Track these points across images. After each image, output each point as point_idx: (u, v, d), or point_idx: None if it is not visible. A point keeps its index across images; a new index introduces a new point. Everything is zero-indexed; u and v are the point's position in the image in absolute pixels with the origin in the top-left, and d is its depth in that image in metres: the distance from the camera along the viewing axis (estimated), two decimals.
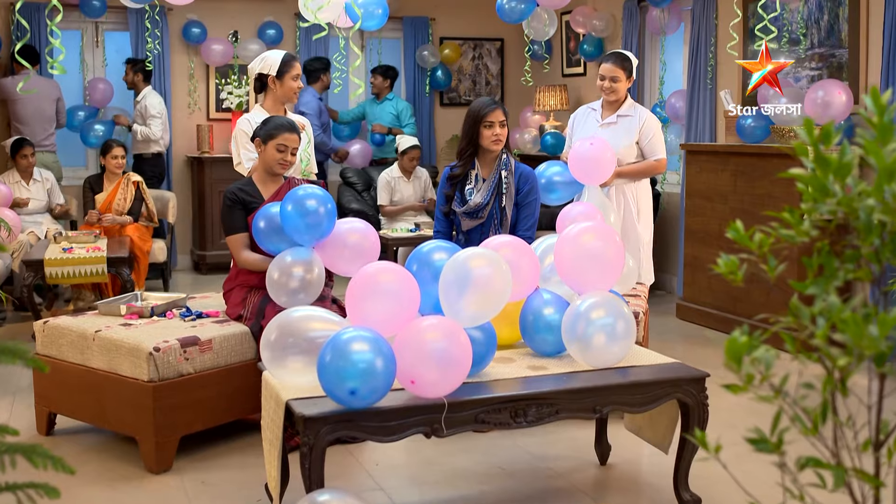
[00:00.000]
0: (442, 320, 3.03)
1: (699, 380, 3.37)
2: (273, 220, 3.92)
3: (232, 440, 4.26)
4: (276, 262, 3.85)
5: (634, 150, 5.36)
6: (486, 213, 4.62)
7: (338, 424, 2.93)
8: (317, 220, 3.77)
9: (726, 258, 1.76)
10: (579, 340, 3.35)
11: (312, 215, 3.75)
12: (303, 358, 3.03)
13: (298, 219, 3.74)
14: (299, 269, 3.81)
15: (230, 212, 4.34)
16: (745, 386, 1.67)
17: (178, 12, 8.90)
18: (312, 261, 3.84)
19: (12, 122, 8.10)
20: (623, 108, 5.41)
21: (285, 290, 3.83)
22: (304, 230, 3.77)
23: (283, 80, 4.96)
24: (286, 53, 5.03)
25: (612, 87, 5.34)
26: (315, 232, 3.79)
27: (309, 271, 3.82)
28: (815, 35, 6.37)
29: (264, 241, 3.97)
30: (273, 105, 5.05)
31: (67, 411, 4.32)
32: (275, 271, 3.82)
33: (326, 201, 3.81)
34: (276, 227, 3.90)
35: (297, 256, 3.83)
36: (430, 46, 9.78)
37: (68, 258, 6.19)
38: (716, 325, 6.58)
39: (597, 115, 5.50)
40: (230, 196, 4.35)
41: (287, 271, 3.81)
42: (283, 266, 3.82)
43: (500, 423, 3.13)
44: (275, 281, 3.82)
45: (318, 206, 3.75)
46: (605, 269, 3.48)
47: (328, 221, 3.80)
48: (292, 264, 3.82)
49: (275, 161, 4.37)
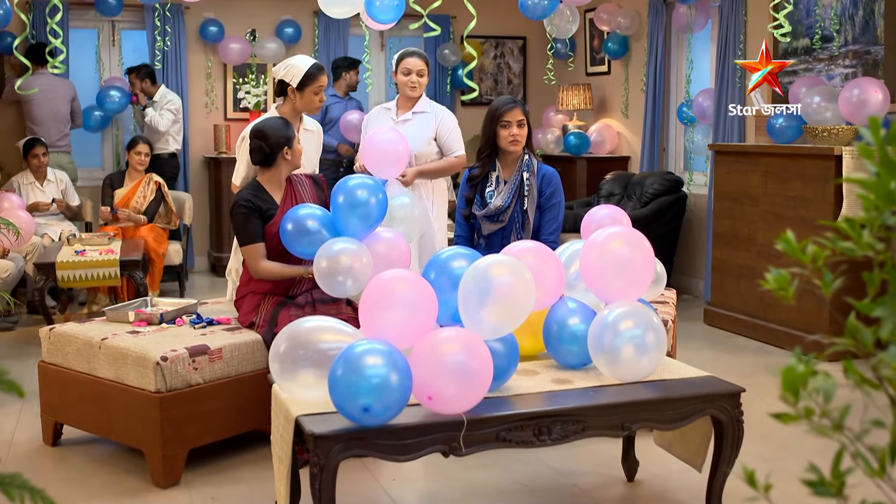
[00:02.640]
0: (461, 332, 2.86)
1: (734, 395, 3.17)
2: (301, 222, 3.81)
3: (243, 453, 4.10)
4: (323, 250, 3.74)
5: (433, 147, 5.10)
6: (507, 217, 4.45)
7: (350, 443, 2.76)
8: (368, 210, 3.81)
9: (776, 273, 1.57)
10: (606, 353, 3.16)
11: (363, 206, 3.79)
12: (314, 371, 2.86)
13: (350, 210, 3.78)
14: (347, 259, 3.71)
15: (246, 220, 4.08)
16: (798, 416, 1.48)
17: (195, 11, 8.77)
18: (360, 250, 3.77)
19: (27, 123, 7.99)
20: (419, 105, 5.15)
21: (335, 279, 3.74)
22: (359, 222, 3.80)
23: (303, 92, 4.72)
24: (313, 64, 4.75)
25: (418, 81, 5.10)
26: (367, 223, 3.84)
27: (357, 260, 3.73)
28: (848, 32, 6.15)
29: (293, 244, 3.84)
30: (290, 113, 4.81)
31: (73, 421, 4.18)
32: (322, 260, 3.71)
33: (378, 191, 3.84)
34: (305, 230, 3.81)
35: (345, 245, 3.76)
36: (451, 45, 9.61)
37: (80, 261, 6.07)
38: (745, 331, 6.37)
39: (391, 114, 5.20)
40: (245, 204, 4.09)
41: (336, 259, 3.72)
42: (331, 254, 3.73)
43: (523, 442, 2.95)
44: (323, 269, 3.71)
45: (369, 197, 3.80)
46: (633, 276, 3.29)
47: (379, 211, 3.85)
48: (341, 252, 3.73)
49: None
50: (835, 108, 5.84)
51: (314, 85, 4.71)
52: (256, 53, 9.00)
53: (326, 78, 4.89)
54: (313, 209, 3.92)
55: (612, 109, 9.15)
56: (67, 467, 4.04)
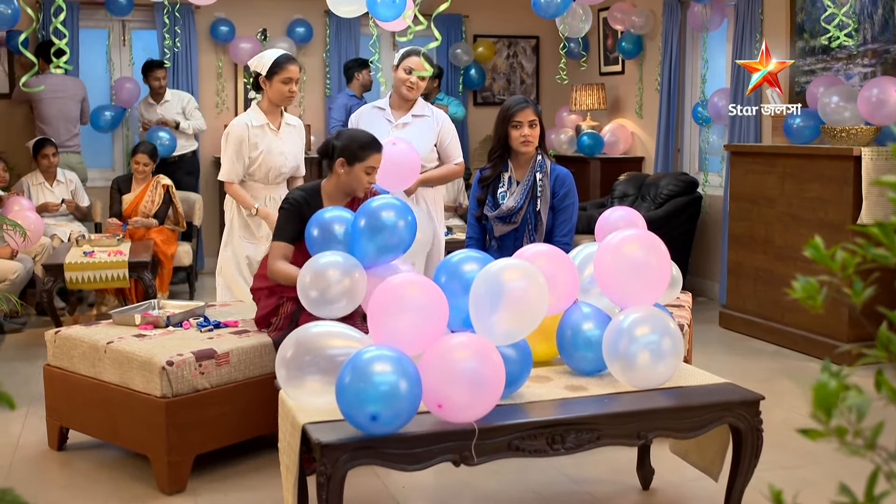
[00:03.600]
0: (472, 338, 2.78)
1: (753, 403, 3.08)
2: (327, 227, 3.54)
3: (250, 458, 4.03)
4: (310, 264, 3.40)
5: (435, 153, 4.99)
6: (520, 218, 4.36)
7: (358, 452, 2.68)
8: (395, 240, 3.42)
9: (804, 281, 1.49)
10: (622, 359, 3.08)
11: (390, 232, 3.40)
12: (321, 377, 2.78)
13: (371, 238, 3.40)
14: (336, 274, 3.33)
15: (287, 218, 3.91)
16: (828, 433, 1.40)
17: (206, 10, 8.71)
18: (354, 271, 3.38)
19: (36, 123, 7.95)
20: (417, 108, 4.96)
21: (316, 297, 3.38)
22: (375, 252, 3.42)
23: (271, 81, 4.85)
24: (282, 55, 4.90)
25: (417, 83, 4.95)
26: (387, 254, 3.46)
27: (347, 277, 3.35)
28: (867, 30, 6.04)
29: (318, 251, 3.53)
30: (268, 106, 4.96)
31: (79, 426, 4.12)
32: (307, 275, 3.36)
33: (407, 213, 3.46)
34: (332, 237, 3.52)
35: (336, 262, 3.37)
36: (464, 44, 9.53)
37: (89, 262, 6.02)
38: (762, 335, 6.27)
39: (386, 115, 4.97)
40: (292, 202, 3.92)
41: (322, 275, 3.34)
42: (317, 269, 3.38)
43: (537, 451, 2.87)
44: (306, 284, 3.36)
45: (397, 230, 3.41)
46: (649, 280, 3.20)
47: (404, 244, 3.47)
48: (328, 267, 3.36)
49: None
50: (853, 108, 5.73)
51: (282, 74, 4.81)
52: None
53: (297, 68, 4.93)
54: (342, 212, 3.62)
55: (626, 109, 9.05)
56: (72, 473, 3.98)
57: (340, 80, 9.10)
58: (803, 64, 6.59)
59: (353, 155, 3.88)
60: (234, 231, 5.03)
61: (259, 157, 4.89)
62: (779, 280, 6.11)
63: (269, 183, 5.00)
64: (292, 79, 4.84)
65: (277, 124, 4.99)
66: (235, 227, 5.02)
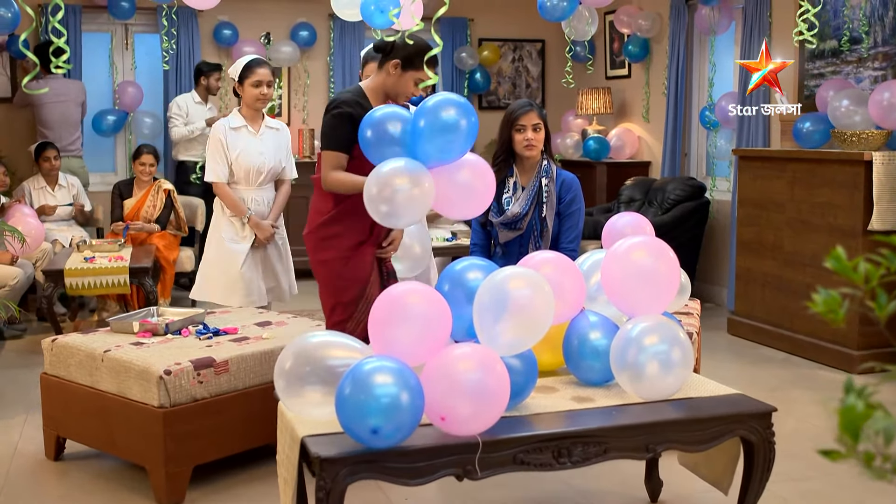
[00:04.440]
0: (476, 348, 2.70)
1: (765, 415, 3.00)
2: (381, 127, 3.29)
3: (250, 469, 3.95)
4: (375, 174, 3.18)
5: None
6: (525, 224, 4.28)
7: (358, 466, 2.60)
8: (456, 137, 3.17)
9: (826, 294, 1.40)
10: (630, 369, 2.99)
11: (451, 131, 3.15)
12: (322, 388, 2.69)
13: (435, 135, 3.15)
14: (404, 182, 3.14)
15: (338, 123, 3.70)
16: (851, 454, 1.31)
17: (209, 14, 8.64)
18: (422, 175, 3.17)
19: (38, 127, 7.88)
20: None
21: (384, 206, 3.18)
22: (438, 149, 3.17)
23: (243, 85, 5.03)
24: (253, 59, 5.08)
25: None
26: (448, 156, 3.21)
27: (417, 185, 3.15)
28: (878, 33, 5.96)
29: (374, 154, 3.31)
30: (247, 111, 5.12)
31: (76, 436, 4.04)
32: (373, 186, 3.16)
33: (469, 114, 3.21)
34: (388, 137, 3.27)
35: (404, 166, 3.17)
36: (469, 48, 9.47)
37: (89, 268, 5.95)
38: (770, 342, 6.18)
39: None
40: (341, 104, 3.73)
41: (388, 183, 3.15)
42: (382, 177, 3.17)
43: (542, 464, 2.78)
44: (372, 197, 3.17)
45: (458, 119, 3.16)
46: (658, 289, 3.12)
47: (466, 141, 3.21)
48: (395, 174, 3.16)
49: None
50: (864, 112, 5.65)
51: (252, 77, 4.98)
52: (271, 57, 8.87)
53: (267, 72, 5.05)
54: (395, 109, 3.35)
55: (633, 113, 8.97)
56: (68, 483, 3.90)
57: (344, 82, 9.04)
58: (813, 67, 6.51)
59: (410, 61, 3.78)
60: (218, 229, 5.06)
61: (237, 157, 5.01)
62: (788, 286, 6.03)
63: (251, 185, 5.10)
64: (262, 82, 5.00)
65: (257, 127, 5.13)
66: (221, 225, 5.05)
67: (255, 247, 5.06)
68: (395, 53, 3.78)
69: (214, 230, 5.12)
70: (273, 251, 5.17)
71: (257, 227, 5.02)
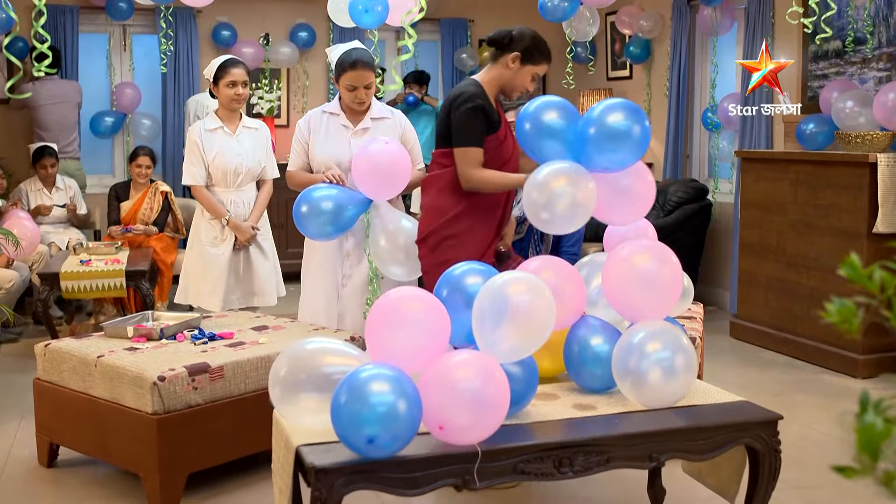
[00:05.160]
0: (475, 355, 2.63)
1: (770, 423, 2.93)
2: (539, 121, 3.19)
3: (245, 476, 3.88)
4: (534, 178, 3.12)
5: None
6: (525, 228, 4.22)
7: (354, 476, 2.54)
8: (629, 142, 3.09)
9: (840, 303, 1.34)
10: (633, 376, 2.93)
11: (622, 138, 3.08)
12: (317, 396, 2.62)
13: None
14: (566, 187, 3.06)
15: (473, 118, 3.62)
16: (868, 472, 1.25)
17: (208, 15, 8.59)
18: (583, 179, 3.09)
19: (35, 129, 7.82)
20: (375, 110, 4.42)
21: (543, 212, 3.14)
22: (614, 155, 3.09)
23: (218, 86, 5.02)
24: (228, 59, 5.08)
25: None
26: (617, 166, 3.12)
27: (580, 191, 3.07)
28: (882, 33, 5.89)
29: (534, 144, 3.22)
30: (223, 111, 5.12)
31: (69, 442, 3.98)
32: (533, 191, 3.11)
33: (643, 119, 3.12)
34: (546, 129, 3.17)
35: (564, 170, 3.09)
36: (469, 49, 9.40)
37: (85, 271, 5.89)
38: (774, 345, 6.11)
39: (341, 121, 4.41)
40: (475, 99, 3.63)
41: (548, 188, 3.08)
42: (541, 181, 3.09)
43: (543, 474, 2.72)
44: (534, 202, 3.11)
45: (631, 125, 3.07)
46: (660, 295, 3.04)
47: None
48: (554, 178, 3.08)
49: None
50: (868, 114, 5.59)
51: (226, 77, 4.98)
52: (270, 58, 8.82)
53: (241, 72, 5.04)
54: (555, 100, 3.25)
55: None
56: (61, 491, 3.83)
57: None
58: (816, 68, 6.44)
59: (530, 54, 3.73)
60: (199, 232, 5.03)
61: (213, 158, 4.99)
62: (791, 290, 5.96)
63: (230, 186, 5.08)
64: (236, 82, 4.98)
65: (234, 128, 5.10)
66: (201, 229, 5.02)
67: (237, 249, 5.02)
68: (513, 46, 3.73)
69: (195, 233, 5.11)
70: (256, 253, 5.12)
71: (237, 228, 4.99)
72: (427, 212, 3.82)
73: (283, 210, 8.29)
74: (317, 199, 4.02)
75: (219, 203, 5.01)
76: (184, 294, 5.18)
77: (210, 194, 5.03)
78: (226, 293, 5.00)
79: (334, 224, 4.02)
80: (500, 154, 3.69)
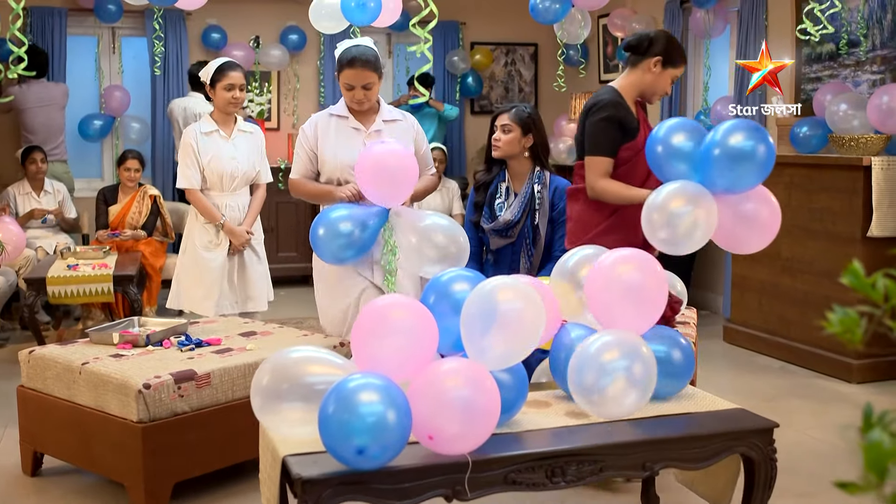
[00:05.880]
0: (464, 363, 2.57)
1: (766, 431, 2.88)
2: (667, 142, 3.18)
3: (232, 485, 3.82)
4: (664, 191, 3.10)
5: None
6: (517, 232, 4.18)
7: (342, 487, 2.47)
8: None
9: (842, 313, 1.29)
10: (587, 389, 2.76)
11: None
12: (301, 406, 2.55)
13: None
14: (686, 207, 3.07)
15: (607, 127, 3.63)
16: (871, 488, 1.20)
17: (198, 17, 8.52)
18: (704, 198, 3.07)
19: (23, 132, 7.74)
20: (385, 112, 4.19)
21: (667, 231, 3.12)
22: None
23: (215, 89, 4.99)
24: (225, 62, 5.03)
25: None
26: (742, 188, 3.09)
27: (701, 209, 3.06)
28: (876, 36, 5.86)
29: (664, 167, 3.22)
30: (219, 115, 5.07)
31: (53, 451, 3.91)
32: (653, 211, 3.10)
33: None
34: (675, 152, 3.15)
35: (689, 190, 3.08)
36: (461, 51, 9.36)
37: (72, 276, 5.81)
38: (767, 350, 6.07)
39: (351, 123, 4.14)
40: (610, 108, 3.65)
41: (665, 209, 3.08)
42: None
43: (535, 484, 2.66)
44: (653, 223, 3.12)
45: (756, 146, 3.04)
46: (643, 306, 2.93)
47: None
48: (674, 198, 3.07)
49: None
50: (862, 117, 5.55)
51: (224, 80, 4.94)
52: (260, 61, 8.76)
53: (239, 75, 5.00)
54: (683, 122, 3.24)
55: None
56: (45, 500, 3.77)
57: (335, 87, 8.92)
58: (809, 71, 6.41)
59: (671, 57, 3.70)
60: (192, 237, 4.98)
61: (209, 162, 4.95)
62: (785, 294, 5.92)
63: (225, 190, 5.03)
64: (234, 85, 4.95)
65: (229, 131, 5.06)
66: (195, 233, 4.97)
67: (231, 253, 4.97)
68: (654, 50, 3.70)
69: (188, 237, 5.05)
70: (250, 257, 5.07)
71: (231, 233, 4.95)
72: (575, 222, 3.82)
73: (273, 214, 8.24)
74: (334, 220, 3.68)
75: (214, 207, 4.96)
76: (176, 299, 5.11)
77: (205, 198, 4.97)
78: (220, 298, 4.95)
79: (354, 247, 3.69)
80: (640, 162, 3.60)
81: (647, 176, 3.64)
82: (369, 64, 3.97)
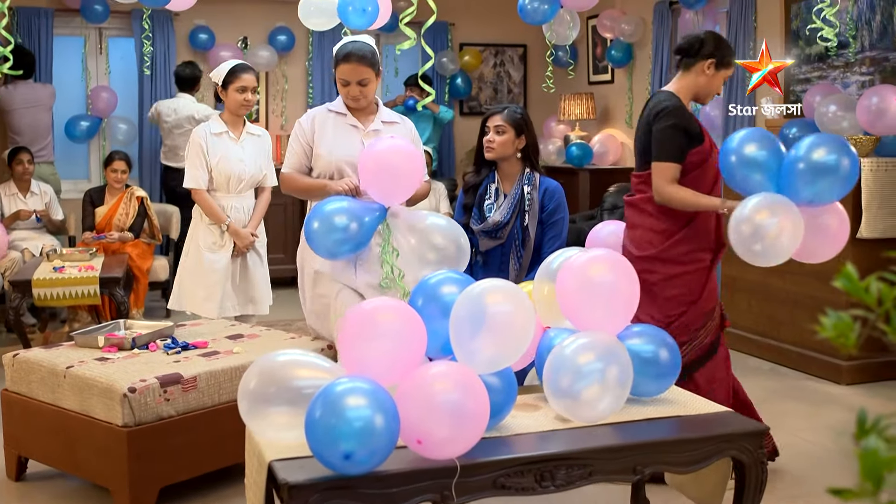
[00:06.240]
0: (453, 366, 2.54)
1: (757, 434, 2.86)
2: (744, 154, 3.31)
3: (219, 490, 3.78)
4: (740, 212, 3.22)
5: None
6: (506, 234, 4.16)
7: (329, 493, 2.44)
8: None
9: (835, 317, 1.27)
10: (563, 392, 2.77)
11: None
12: (288, 410, 2.52)
13: None
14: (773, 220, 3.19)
15: (675, 133, 3.64)
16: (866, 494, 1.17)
17: (185, 18, 8.48)
18: (791, 210, 3.18)
19: (9, 134, 7.69)
20: (384, 114, 4.10)
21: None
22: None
23: (227, 90, 4.96)
24: (238, 64, 5.03)
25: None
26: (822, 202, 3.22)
27: (789, 220, 3.17)
28: (865, 37, 5.86)
29: (735, 174, 3.35)
30: (229, 116, 5.04)
31: (38, 455, 3.87)
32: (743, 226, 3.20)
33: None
34: (752, 162, 3.29)
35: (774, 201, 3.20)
36: (450, 52, 9.33)
37: (58, 278, 5.76)
38: (758, 352, 6.06)
39: (349, 121, 4.04)
40: (678, 113, 3.66)
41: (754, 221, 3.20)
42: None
43: (524, 489, 2.63)
44: (743, 235, 3.22)
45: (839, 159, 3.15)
46: (614, 307, 2.89)
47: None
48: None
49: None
50: (852, 118, 5.54)
51: (236, 83, 4.93)
52: (248, 62, 8.70)
53: (252, 77, 5.00)
54: (763, 136, 3.36)
55: (616, 119, 8.86)
56: None
57: (323, 88, 8.89)
58: (799, 72, 6.40)
59: (724, 58, 3.73)
60: (197, 238, 4.94)
61: (217, 163, 4.92)
62: (774, 295, 5.91)
63: (231, 192, 5.00)
64: (247, 87, 4.94)
65: (238, 133, 5.04)
66: (199, 233, 4.93)
67: (235, 255, 4.95)
68: (705, 52, 3.72)
69: (192, 238, 5.00)
70: (253, 260, 5.05)
71: (236, 234, 4.92)
72: (647, 231, 3.81)
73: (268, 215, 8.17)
74: (329, 213, 3.56)
75: (220, 208, 4.93)
76: (177, 300, 5.05)
77: (211, 199, 4.93)
78: (222, 300, 4.91)
79: (350, 242, 3.57)
80: (710, 168, 3.69)
81: (714, 182, 3.70)
82: (365, 59, 3.89)
